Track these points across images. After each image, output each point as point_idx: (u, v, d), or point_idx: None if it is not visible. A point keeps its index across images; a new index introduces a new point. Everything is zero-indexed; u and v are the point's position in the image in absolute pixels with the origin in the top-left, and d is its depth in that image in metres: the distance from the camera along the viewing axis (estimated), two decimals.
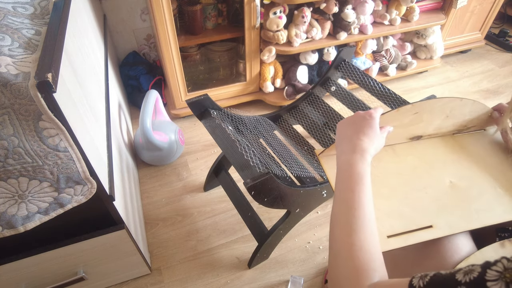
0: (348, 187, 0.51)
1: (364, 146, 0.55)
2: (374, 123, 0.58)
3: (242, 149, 0.85)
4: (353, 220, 0.47)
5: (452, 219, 0.58)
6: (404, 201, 0.61)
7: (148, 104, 1.24)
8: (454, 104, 0.67)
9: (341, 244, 0.46)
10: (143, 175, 1.34)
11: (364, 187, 0.50)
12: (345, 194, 0.50)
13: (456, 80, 1.87)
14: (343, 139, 0.59)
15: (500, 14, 2.20)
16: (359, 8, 1.47)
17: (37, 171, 0.62)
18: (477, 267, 0.32)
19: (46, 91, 0.53)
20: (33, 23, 0.67)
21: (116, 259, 0.89)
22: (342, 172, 0.54)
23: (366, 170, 0.53)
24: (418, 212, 0.59)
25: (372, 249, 0.45)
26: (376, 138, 0.57)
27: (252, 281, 1.01)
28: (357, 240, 0.45)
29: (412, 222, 0.57)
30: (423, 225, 0.57)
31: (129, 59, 1.68)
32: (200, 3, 1.36)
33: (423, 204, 0.60)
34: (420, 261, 0.59)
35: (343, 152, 0.56)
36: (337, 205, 0.51)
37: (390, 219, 0.57)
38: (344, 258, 0.45)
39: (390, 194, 0.62)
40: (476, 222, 0.57)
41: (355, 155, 0.54)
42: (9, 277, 0.78)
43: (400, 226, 0.57)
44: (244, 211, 1.06)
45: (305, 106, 1.23)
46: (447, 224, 0.57)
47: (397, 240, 0.55)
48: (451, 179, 0.64)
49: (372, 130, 0.57)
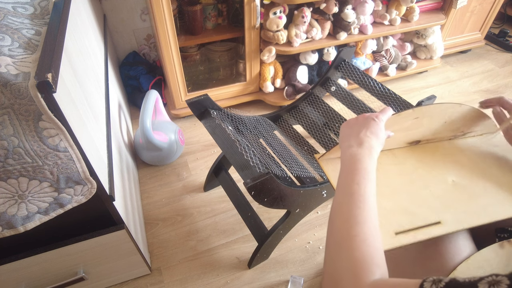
0: (353, 180, 0.49)
1: (372, 143, 0.54)
2: (382, 125, 0.57)
3: (242, 149, 0.85)
4: (357, 212, 0.45)
5: (459, 214, 0.56)
6: (408, 199, 0.60)
7: (148, 104, 1.24)
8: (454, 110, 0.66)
9: (343, 236, 0.44)
10: (143, 175, 1.34)
11: (370, 183, 0.49)
12: (350, 186, 0.49)
13: (456, 80, 1.87)
14: (350, 135, 0.57)
15: (500, 14, 2.20)
16: (359, 8, 1.47)
17: (37, 171, 0.62)
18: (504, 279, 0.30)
19: (46, 91, 0.53)
20: (33, 23, 0.67)
21: (116, 259, 0.89)
22: (348, 165, 0.52)
23: (373, 166, 0.51)
24: (424, 209, 0.58)
25: (376, 243, 0.43)
26: (382, 140, 0.56)
27: (252, 281, 1.01)
28: (361, 232, 0.43)
29: (419, 218, 0.56)
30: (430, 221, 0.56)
31: (129, 59, 1.68)
32: (200, 3, 1.36)
33: (428, 201, 0.59)
34: (421, 261, 0.58)
35: (350, 146, 0.55)
36: (341, 197, 0.49)
37: (396, 216, 0.56)
38: (345, 249, 0.43)
39: (393, 193, 0.61)
40: (485, 218, 0.55)
41: (363, 150, 0.53)
42: (9, 277, 0.78)
43: (407, 222, 0.56)
44: (244, 211, 1.06)
45: (305, 106, 1.23)
46: (455, 219, 0.56)
47: (406, 237, 0.54)
48: (453, 178, 0.64)
49: (381, 131, 0.56)
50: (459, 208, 0.58)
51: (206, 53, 1.63)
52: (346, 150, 0.55)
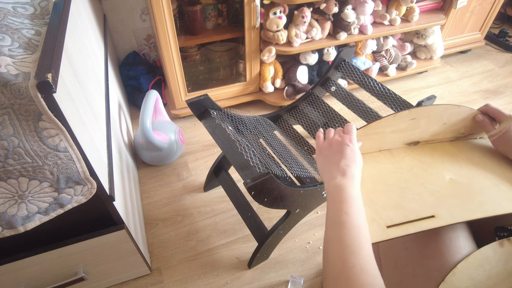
0: (341, 210, 0.50)
1: (353, 171, 0.55)
2: (356, 147, 0.59)
3: (242, 149, 0.85)
4: (350, 242, 0.45)
5: (454, 209, 0.56)
6: (402, 195, 0.60)
7: (148, 104, 1.24)
8: (452, 112, 0.66)
9: (340, 268, 0.44)
10: (143, 175, 1.34)
11: (358, 210, 0.50)
12: (339, 217, 0.49)
13: (456, 80, 1.87)
14: (330, 165, 0.58)
15: (500, 14, 2.20)
16: (359, 8, 1.47)
17: (37, 171, 0.62)
18: None
19: (46, 91, 0.53)
20: (33, 23, 0.67)
21: (116, 259, 0.89)
22: (334, 197, 0.53)
23: (357, 193, 0.52)
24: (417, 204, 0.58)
25: (373, 271, 0.43)
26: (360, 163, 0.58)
27: (252, 281, 1.01)
28: (356, 263, 0.43)
29: (412, 213, 0.56)
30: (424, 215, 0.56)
31: (129, 59, 1.68)
32: (200, 3, 1.36)
33: (422, 197, 0.59)
34: (421, 261, 0.58)
35: (332, 178, 0.56)
36: (331, 229, 0.49)
37: (388, 211, 0.57)
38: (344, 281, 0.43)
39: (387, 189, 0.61)
40: (479, 213, 0.56)
41: (346, 180, 0.53)
42: (9, 277, 0.78)
43: (399, 217, 0.56)
44: (244, 211, 1.06)
45: (305, 106, 1.23)
46: (449, 213, 0.56)
47: (396, 230, 0.54)
48: (451, 176, 0.64)
49: (357, 156, 0.58)
50: (455, 204, 0.58)
51: (206, 53, 1.63)
52: (330, 182, 0.56)
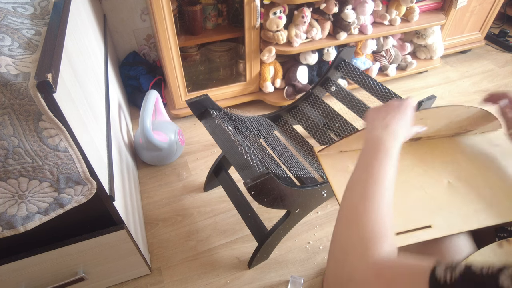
0: (374, 157, 0.48)
1: (398, 128, 0.52)
2: (411, 112, 0.56)
3: (242, 149, 0.85)
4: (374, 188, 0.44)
5: (451, 219, 0.58)
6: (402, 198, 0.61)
7: (148, 104, 1.24)
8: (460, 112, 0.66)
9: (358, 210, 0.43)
10: (143, 175, 1.34)
11: (390, 162, 0.48)
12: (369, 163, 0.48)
13: (456, 80, 1.87)
14: (376, 118, 0.55)
15: (500, 14, 2.20)
16: (359, 8, 1.47)
17: (37, 171, 0.62)
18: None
19: (46, 91, 0.53)
20: (33, 23, 0.67)
21: (116, 259, 0.89)
22: (371, 146, 0.50)
23: (395, 150, 0.50)
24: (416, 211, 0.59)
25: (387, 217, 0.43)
26: (408, 127, 0.55)
27: (252, 281, 1.01)
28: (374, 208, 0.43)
29: (410, 221, 0.57)
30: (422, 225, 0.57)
31: (129, 59, 1.68)
32: (200, 3, 1.36)
33: (421, 202, 0.60)
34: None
35: (374, 128, 0.53)
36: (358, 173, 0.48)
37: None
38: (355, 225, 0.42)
39: None
40: (474, 223, 0.57)
41: (387, 134, 0.51)
42: (9, 277, 0.78)
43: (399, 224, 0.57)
44: (244, 211, 1.06)
45: (305, 106, 1.23)
46: (446, 223, 0.57)
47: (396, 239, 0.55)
48: (449, 179, 0.65)
49: (408, 118, 0.55)
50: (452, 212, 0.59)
51: (206, 53, 1.63)
52: (370, 132, 0.53)
